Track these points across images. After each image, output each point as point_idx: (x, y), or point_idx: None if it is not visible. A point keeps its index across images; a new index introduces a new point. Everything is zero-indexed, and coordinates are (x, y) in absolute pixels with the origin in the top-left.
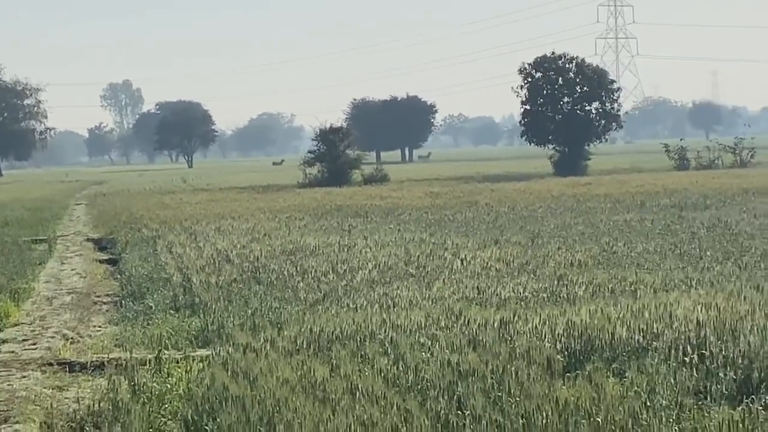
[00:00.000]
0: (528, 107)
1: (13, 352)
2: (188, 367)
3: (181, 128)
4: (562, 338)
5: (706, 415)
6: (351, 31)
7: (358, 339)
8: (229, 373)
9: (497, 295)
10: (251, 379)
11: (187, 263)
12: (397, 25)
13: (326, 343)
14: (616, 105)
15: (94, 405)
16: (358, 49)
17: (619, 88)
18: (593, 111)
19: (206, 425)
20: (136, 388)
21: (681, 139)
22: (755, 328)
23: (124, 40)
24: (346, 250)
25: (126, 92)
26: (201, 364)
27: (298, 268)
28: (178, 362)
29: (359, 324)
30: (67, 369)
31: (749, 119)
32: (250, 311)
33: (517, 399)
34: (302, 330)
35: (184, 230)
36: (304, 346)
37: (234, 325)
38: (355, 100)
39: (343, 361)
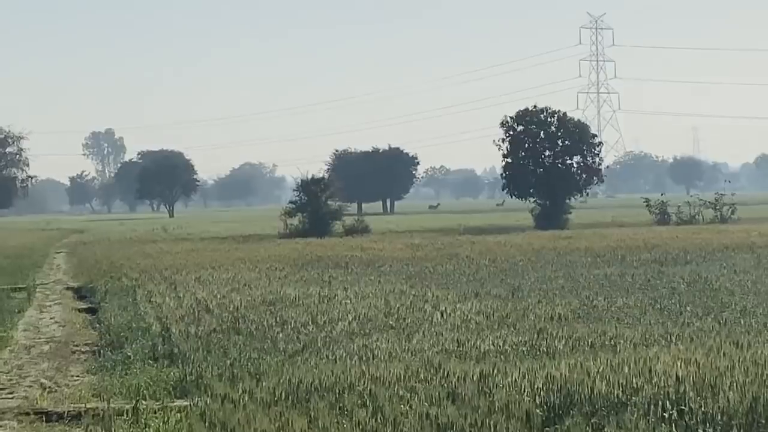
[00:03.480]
0: (509, 160)
1: None
2: (166, 418)
3: (162, 177)
4: (542, 392)
5: None
6: (333, 81)
7: (337, 391)
8: (206, 425)
9: (477, 348)
10: (229, 430)
11: (166, 313)
12: (379, 76)
13: (305, 395)
14: (597, 159)
15: None
16: (341, 100)
17: (600, 143)
18: (574, 165)
19: None
20: None
21: (662, 194)
22: (735, 385)
23: (108, 88)
24: (326, 301)
25: (108, 141)
26: (179, 415)
27: (278, 318)
28: (155, 413)
29: (338, 375)
30: (44, 419)
31: (730, 175)
32: (229, 362)
33: None
34: (281, 381)
35: (164, 279)
36: (283, 398)
37: (213, 375)
38: (336, 151)
39: (322, 413)
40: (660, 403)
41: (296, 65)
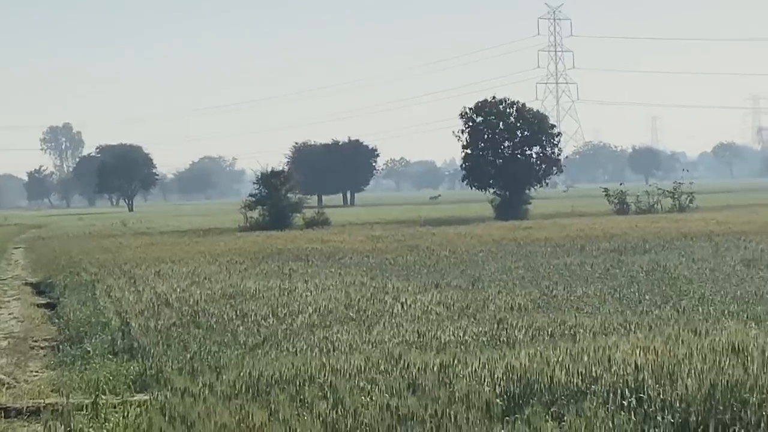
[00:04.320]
0: (469, 151)
1: None
2: (125, 413)
3: (121, 172)
4: (502, 382)
5: None
6: (293, 74)
7: (298, 383)
8: (166, 418)
9: (437, 338)
10: (189, 423)
11: (126, 307)
12: (339, 69)
13: (265, 388)
14: (556, 149)
15: None
16: (300, 93)
17: (559, 133)
18: (534, 155)
19: None
20: None
21: (621, 184)
22: (693, 372)
23: (65, 83)
24: (286, 293)
25: (66, 135)
26: (138, 409)
27: (238, 311)
28: (115, 407)
29: (298, 368)
30: (3, 414)
31: (688, 164)
32: (189, 355)
33: None
34: (241, 374)
35: (123, 274)
36: (243, 391)
37: (172, 369)
38: (296, 143)
39: (282, 405)
40: (619, 391)
41: (256, 58)
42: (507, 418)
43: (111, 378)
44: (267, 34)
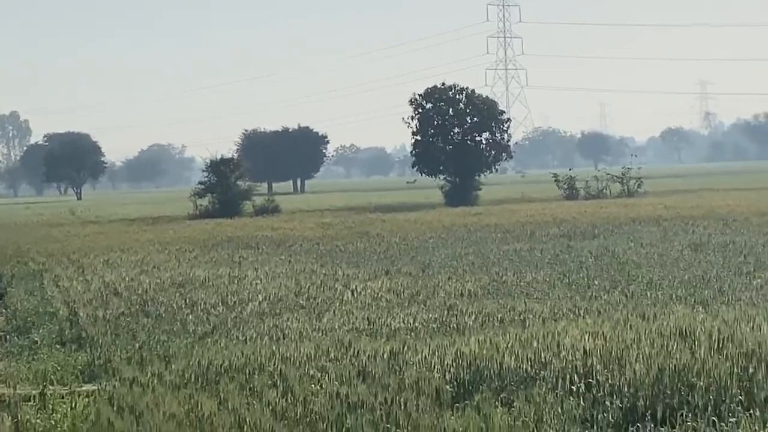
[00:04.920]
0: (419, 138)
1: None
2: (73, 403)
3: (69, 160)
4: (452, 368)
5: None
6: (243, 61)
7: (247, 372)
8: (114, 409)
9: (387, 325)
10: (137, 414)
11: (74, 297)
12: (289, 55)
13: (214, 377)
14: (506, 135)
15: None
16: (250, 80)
17: (508, 119)
18: (483, 141)
19: None
20: (20, 425)
21: (570, 169)
22: (641, 357)
23: (11, 71)
24: (236, 281)
25: (13, 124)
26: (86, 400)
27: (188, 300)
28: (63, 398)
29: (248, 356)
30: None
31: (636, 149)
32: (137, 345)
33: (406, 430)
34: (190, 363)
35: (71, 263)
36: (192, 380)
37: (121, 359)
38: (246, 131)
39: (232, 394)
40: (568, 376)
41: (205, 45)
42: (457, 404)
43: (59, 368)
44: (217, 22)
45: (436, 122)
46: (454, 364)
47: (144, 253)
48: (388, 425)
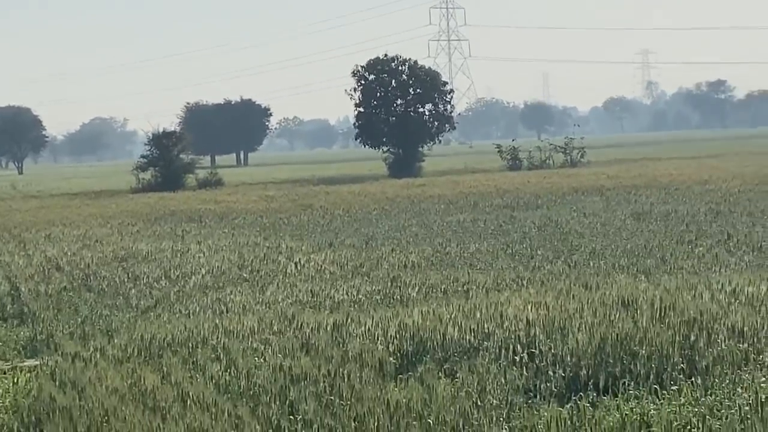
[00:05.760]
0: (362, 110)
1: None
2: (15, 378)
3: (10, 134)
4: (395, 340)
5: (536, 413)
6: (184, 34)
7: (190, 345)
8: (57, 384)
9: (331, 298)
10: (80, 389)
11: (15, 272)
12: (231, 28)
13: (157, 351)
14: (449, 106)
15: None
16: (192, 52)
17: (451, 90)
18: (426, 113)
19: None
20: None
21: (513, 140)
22: (583, 326)
23: None
24: (179, 255)
25: None
26: (29, 375)
27: (130, 274)
28: (5, 373)
29: (191, 330)
30: None
31: (579, 119)
32: (80, 320)
33: (349, 402)
34: (133, 337)
35: (12, 238)
36: (135, 354)
37: (63, 334)
38: (188, 104)
39: (174, 368)
40: (511, 346)
41: (146, 18)
42: (400, 376)
43: (0, 344)
44: None
45: (378, 94)
46: (397, 335)
47: (86, 227)
48: (332, 397)
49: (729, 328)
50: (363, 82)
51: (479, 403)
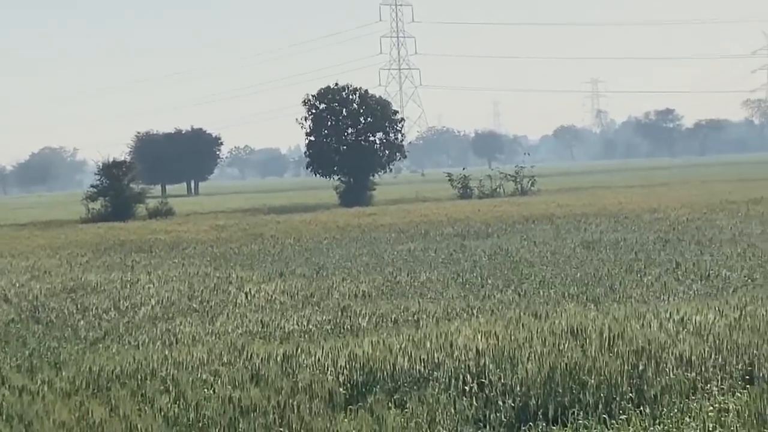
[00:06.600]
0: (313, 138)
1: None
2: None
3: None
4: (345, 371)
5: None
6: (134, 63)
7: (139, 377)
8: (3, 418)
9: (281, 328)
10: (26, 423)
11: None
12: (180, 58)
13: (106, 383)
14: (400, 135)
15: None
16: (142, 82)
17: (402, 119)
18: (377, 141)
19: None
20: None
21: (464, 168)
22: (533, 356)
23: None
24: (128, 286)
25: None
26: None
27: (79, 306)
28: None
29: (140, 362)
30: None
31: (529, 148)
32: (27, 352)
33: None
34: (81, 370)
35: None
36: (83, 387)
37: (10, 367)
38: (138, 133)
39: (123, 400)
40: (461, 376)
41: (96, 46)
42: (350, 406)
43: None
44: (107, 22)
45: (329, 123)
46: (347, 366)
47: (35, 258)
48: (281, 429)
49: (677, 357)
50: (314, 111)
51: None
